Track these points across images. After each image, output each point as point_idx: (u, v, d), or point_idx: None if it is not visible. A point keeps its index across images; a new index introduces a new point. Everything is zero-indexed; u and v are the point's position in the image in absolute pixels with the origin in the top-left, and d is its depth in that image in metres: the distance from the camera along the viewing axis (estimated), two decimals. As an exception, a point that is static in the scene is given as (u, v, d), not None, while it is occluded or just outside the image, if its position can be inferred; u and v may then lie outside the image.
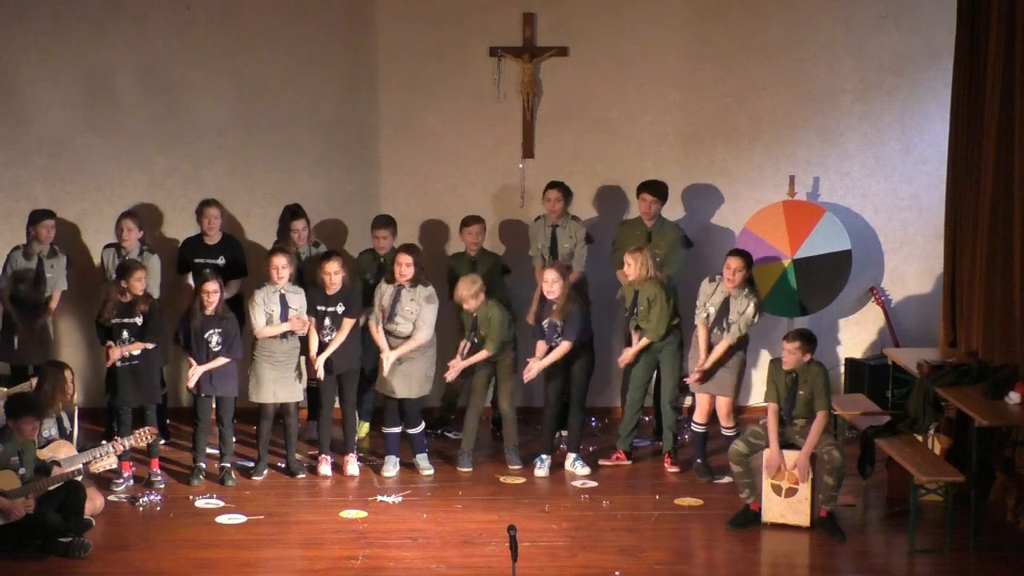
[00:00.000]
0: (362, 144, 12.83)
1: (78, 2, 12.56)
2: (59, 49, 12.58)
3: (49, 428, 10.38)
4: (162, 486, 10.93)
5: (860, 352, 12.81)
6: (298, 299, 11.18)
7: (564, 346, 11.23)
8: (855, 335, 12.91)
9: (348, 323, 11.27)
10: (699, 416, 11.26)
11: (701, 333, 11.16)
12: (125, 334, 10.96)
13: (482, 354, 11.34)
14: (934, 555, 9.76)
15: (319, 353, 11.20)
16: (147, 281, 11.09)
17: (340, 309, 11.22)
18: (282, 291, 11.12)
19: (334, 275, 11.15)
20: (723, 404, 11.16)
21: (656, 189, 12.04)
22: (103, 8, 12.57)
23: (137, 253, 11.79)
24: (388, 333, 11.26)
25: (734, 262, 11.05)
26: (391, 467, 11.30)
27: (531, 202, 12.80)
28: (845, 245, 12.38)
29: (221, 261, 11.95)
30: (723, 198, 12.85)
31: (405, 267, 11.19)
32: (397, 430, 11.33)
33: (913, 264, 12.87)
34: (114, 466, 10.46)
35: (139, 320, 10.96)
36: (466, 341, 11.36)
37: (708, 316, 11.10)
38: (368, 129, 12.81)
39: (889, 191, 12.84)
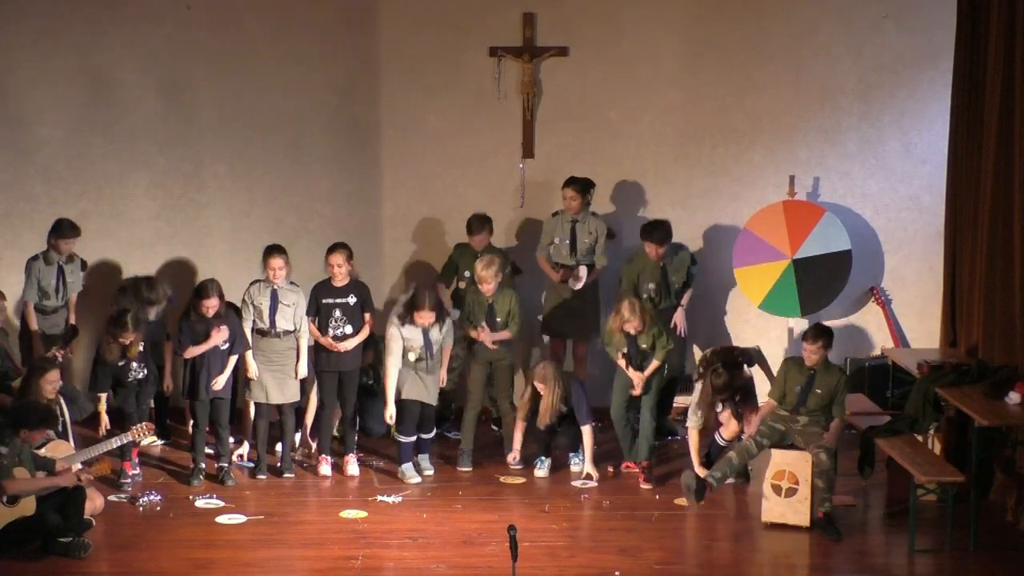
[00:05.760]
0: (363, 144, 12.83)
1: (78, 2, 12.56)
2: (59, 49, 12.57)
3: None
4: (129, 488, 10.90)
5: (860, 352, 12.81)
6: (294, 297, 11.15)
7: (586, 430, 11.21)
8: (855, 335, 12.90)
9: (367, 316, 11.27)
10: (727, 433, 11.18)
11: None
12: (134, 366, 10.92)
13: (505, 334, 11.40)
14: (934, 555, 9.76)
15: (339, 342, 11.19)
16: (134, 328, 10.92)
17: (352, 300, 11.20)
18: (275, 287, 11.10)
19: (337, 267, 11.14)
20: (752, 416, 11.10)
21: (661, 235, 11.77)
22: (103, 8, 12.57)
23: (66, 260, 11.78)
24: (419, 359, 11.15)
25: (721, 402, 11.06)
26: (413, 473, 11.21)
27: (531, 202, 12.81)
28: (845, 245, 12.38)
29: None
30: (723, 198, 12.84)
31: (428, 320, 11.03)
32: (413, 439, 11.31)
33: (913, 264, 12.87)
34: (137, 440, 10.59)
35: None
36: (480, 328, 11.39)
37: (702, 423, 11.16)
38: (369, 129, 12.81)
39: (889, 191, 12.84)
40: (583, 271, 12.12)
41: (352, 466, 11.30)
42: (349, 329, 11.21)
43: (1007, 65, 10.84)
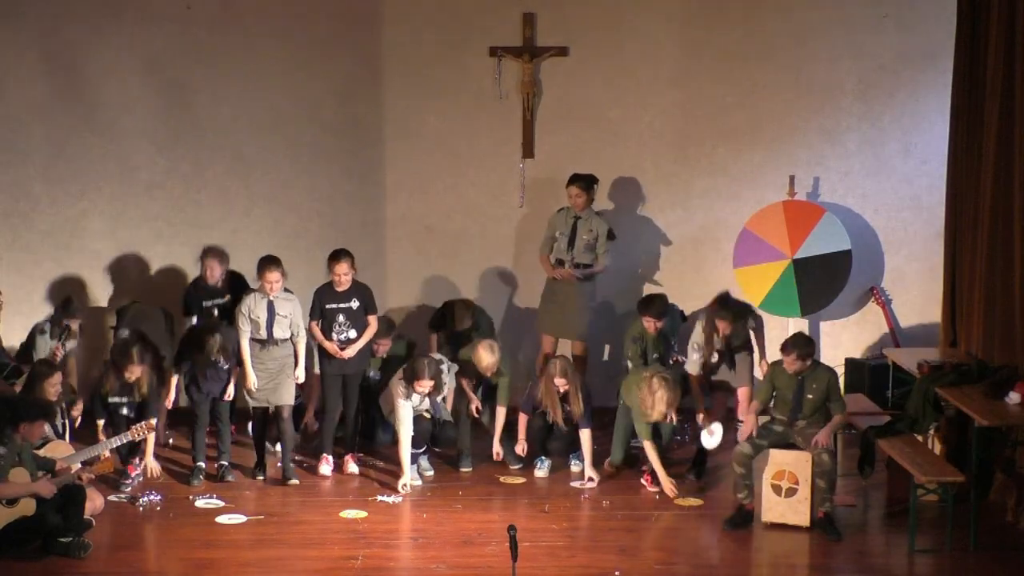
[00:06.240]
0: (363, 144, 12.83)
1: (78, 2, 12.55)
2: (59, 49, 12.57)
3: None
4: (128, 489, 10.88)
5: (860, 352, 12.81)
6: (289, 306, 11.05)
7: (587, 434, 11.15)
8: (855, 335, 12.91)
9: (372, 319, 11.25)
10: (710, 442, 11.22)
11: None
12: (124, 411, 10.90)
13: (502, 414, 11.36)
14: (934, 555, 9.76)
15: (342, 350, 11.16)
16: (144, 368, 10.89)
17: (355, 304, 11.18)
18: (271, 298, 11.04)
19: (343, 276, 11.09)
20: (742, 395, 11.13)
21: (658, 310, 11.44)
22: (103, 8, 12.57)
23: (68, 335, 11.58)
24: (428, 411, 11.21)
25: (723, 325, 11.03)
26: (415, 475, 11.17)
27: (530, 202, 12.81)
28: (845, 245, 12.39)
29: (227, 299, 11.81)
30: (723, 198, 12.85)
31: (427, 389, 10.95)
32: (421, 451, 11.27)
33: (913, 264, 12.87)
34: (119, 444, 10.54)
35: (137, 398, 10.91)
36: (472, 384, 11.45)
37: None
38: (369, 129, 12.81)
39: (889, 191, 12.84)
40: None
41: (352, 466, 11.30)
42: (353, 333, 11.19)
43: (1007, 65, 10.84)
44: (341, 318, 11.16)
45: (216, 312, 11.73)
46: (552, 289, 12.31)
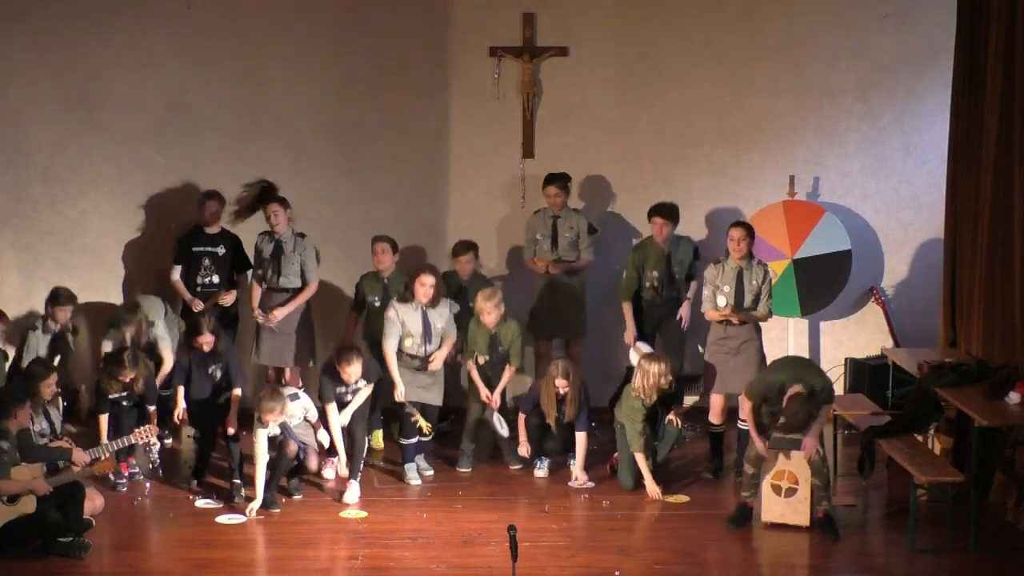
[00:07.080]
0: (363, 144, 12.83)
1: (78, 2, 12.56)
2: (59, 49, 12.58)
3: (40, 423, 10.37)
4: (124, 488, 10.86)
5: (860, 352, 12.81)
6: (298, 414, 10.83)
7: (582, 437, 11.14)
8: (855, 335, 12.91)
9: (366, 386, 11.04)
10: (714, 417, 11.23)
11: (713, 317, 11.11)
12: (125, 404, 10.87)
13: (510, 372, 11.36)
14: (934, 555, 9.76)
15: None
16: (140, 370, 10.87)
17: (362, 384, 10.95)
18: (283, 421, 10.72)
19: (354, 376, 10.82)
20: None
21: (669, 211, 11.73)
22: (103, 7, 12.58)
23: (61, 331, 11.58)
24: (415, 356, 11.12)
25: (737, 232, 11.00)
26: (415, 475, 11.17)
27: (532, 202, 12.81)
28: (845, 245, 12.39)
29: (221, 250, 11.91)
30: (723, 198, 12.85)
31: (430, 288, 11.00)
32: (414, 440, 11.25)
33: (913, 264, 12.88)
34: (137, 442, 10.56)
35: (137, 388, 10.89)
36: (483, 356, 11.34)
37: (726, 301, 11.02)
38: (368, 129, 12.81)
39: (889, 191, 12.85)
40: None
41: (351, 494, 10.80)
42: (350, 397, 10.97)
43: (1007, 65, 10.84)
44: (348, 397, 10.94)
45: (207, 261, 11.75)
46: (544, 291, 12.28)
